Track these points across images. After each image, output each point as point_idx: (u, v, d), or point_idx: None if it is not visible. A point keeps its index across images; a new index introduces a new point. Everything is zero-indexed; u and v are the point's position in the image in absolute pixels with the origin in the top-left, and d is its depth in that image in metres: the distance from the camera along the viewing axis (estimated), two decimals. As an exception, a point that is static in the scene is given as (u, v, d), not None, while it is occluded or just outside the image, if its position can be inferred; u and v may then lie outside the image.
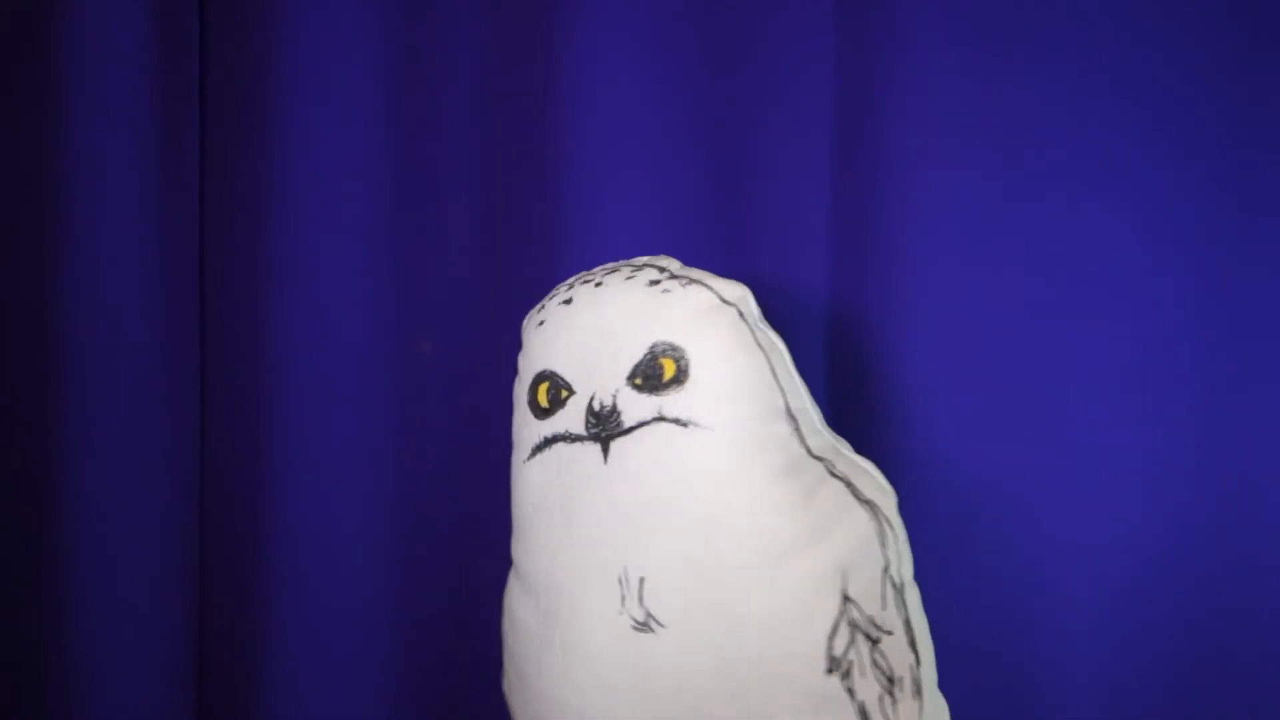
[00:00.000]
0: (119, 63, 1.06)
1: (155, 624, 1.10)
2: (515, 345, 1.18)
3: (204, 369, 1.15)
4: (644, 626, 0.91)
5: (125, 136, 1.07)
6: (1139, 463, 1.04)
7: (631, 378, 0.93)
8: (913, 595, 0.92)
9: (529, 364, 0.99)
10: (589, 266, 1.13)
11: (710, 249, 1.14)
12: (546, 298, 1.02)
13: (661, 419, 0.92)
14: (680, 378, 0.92)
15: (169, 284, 1.10)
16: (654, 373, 0.93)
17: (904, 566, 0.93)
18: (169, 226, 1.10)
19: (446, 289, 1.20)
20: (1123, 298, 1.04)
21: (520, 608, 0.99)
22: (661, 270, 0.97)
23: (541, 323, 0.99)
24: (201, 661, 1.16)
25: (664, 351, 0.93)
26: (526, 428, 0.99)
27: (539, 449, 0.98)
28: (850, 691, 0.88)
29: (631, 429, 0.93)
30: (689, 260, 1.06)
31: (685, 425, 0.91)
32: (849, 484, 0.93)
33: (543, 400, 0.97)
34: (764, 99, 1.12)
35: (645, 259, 1.00)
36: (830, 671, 0.88)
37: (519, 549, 1.00)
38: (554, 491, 0.96)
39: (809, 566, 0.89)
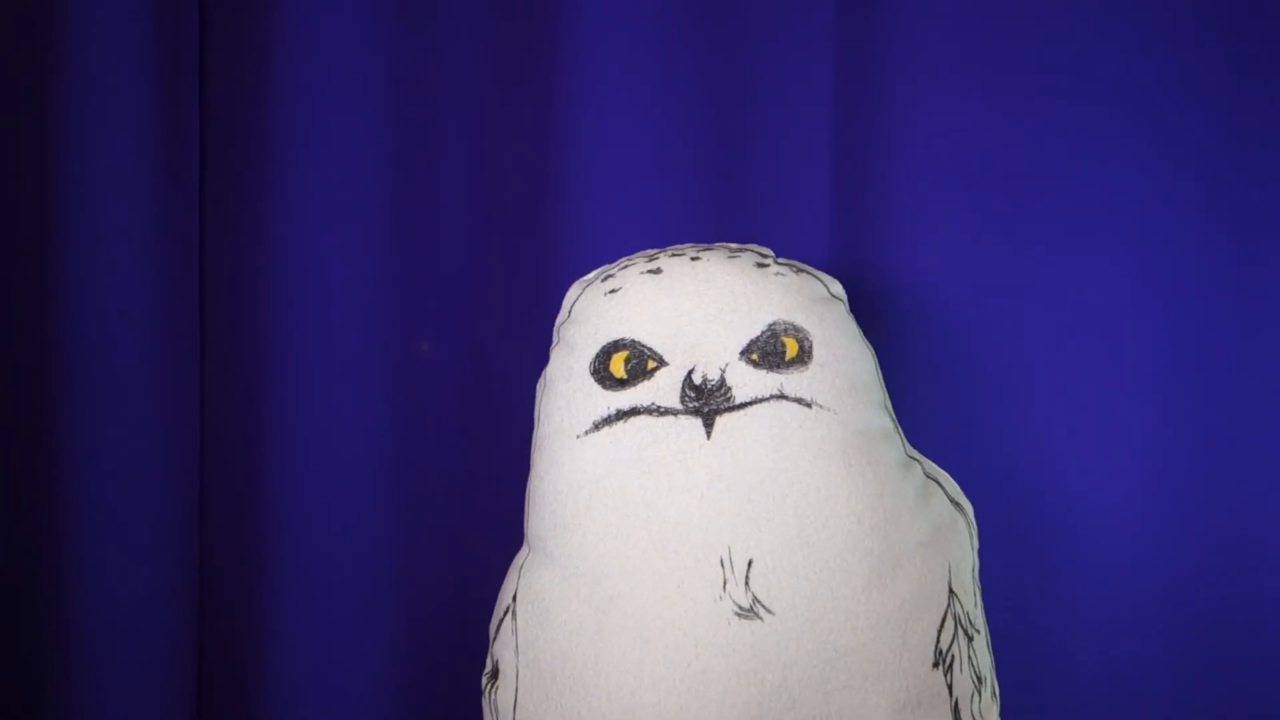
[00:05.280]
0: (119, 63, 1.05)
1: (155, 625, 1.07)
2: (515, 344, 1.15)
3: (204, 369, 1.13)
4: (749, 613, 0.86)
5: (125, 137, 1.06)
6: (1141, 463, 1.07)
7: (747, 353, 0.90)
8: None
9: (591, 332, 0.93)
10: (590, 262, 1.09)
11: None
12: (609, 267, 0.97)
13: (783, 397, 0.89)
14: (804, 358, 0.90)
15: (169, 284, 1.09)
16: (775, 350, 0.90)
17: (978, 572, 0.95)
18: (169, 227, 1.09)
19: (447, 288, 1.16)
20: (1126, 296, 1.07)
21: (558, 598, 0.90)
22: (764, 255, 0.95)
23: (614, 291, 0.93)
24: (201, 660, 1.12)
25: (786, 330, 0.90)
26: (586, 400, 0.92)
27: (607, 422, 0.91)
28: (949, 687, 0.88)
29: (744, 404, 0.89)
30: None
31: (809, 405, 0.89)
32: (940, 485, 0.94)
33: (618, 370, 0.91)
34: (764, 97, 1.12)
35: (738, 244, 0.97)
36: (936, 665, 0.88)
37: (559, 533, 0.91)
38: (628, 468, 0.89)
39: (926, 558, 0.89)
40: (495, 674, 0.95)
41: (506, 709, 0.93)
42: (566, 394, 0.93)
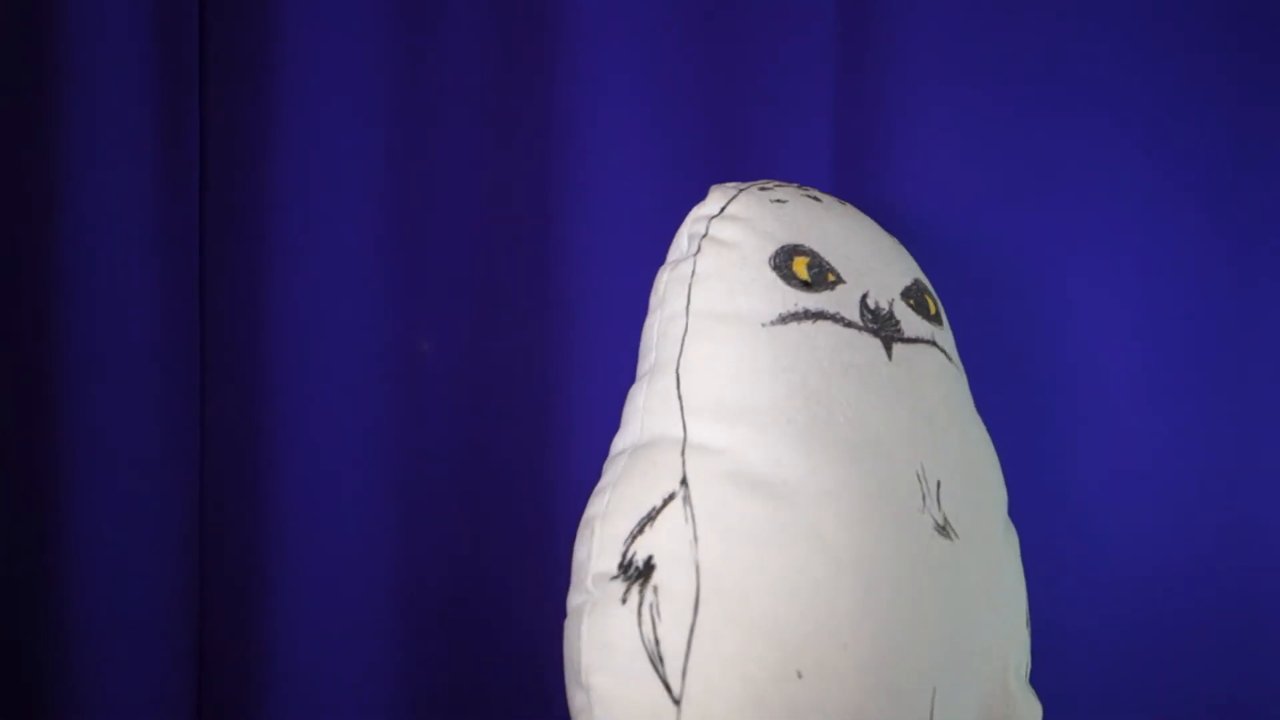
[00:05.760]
0: (118, 61, 1.03)
1: (155, 624, 1.04)
2: (515, 344, 1.12)
3: (204, 369, 1.09)
4: (944, 531, 0.81)
5: (125, 136, 1.04)
6: (1139, 461, 1.07)
7: (905, 296, 0.90)
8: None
9: (765, 230, 0.88)
10: (590, 262, 1.11)
11: None
12: (755, 183, 0.93)
13: (934, 344, 0.89)
14: (939, 318, 0.93)
15: (168, 283, 1.06)
16: (922, 303, 0.91)
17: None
18: (169, 226, 1.06)
19: (447, 287, 1.10)
20: (1126, 296, 1.08)
21: (757, 485, 0.78)
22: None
23: (780, 201, 0.90)
24: (202, 660, 1.08)
25: (925, 289, 0.93)
26: (770, 290, 0.85)
27: (795, 318, 0.84)
28: (1029, 651, 0.89)
29: (912, 340, 0.87)
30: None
31: (950, 360, 0.90)
32: None
33: (801, 273, 0.87)
34: (764, 98, 1.11)
35: None
36: (1028, 625, 0.89)
37: (757, 419, 0.81)
38: (829, 367, 0.83)
39: (1013, 530, 0.92)
40: (646, 572, 0.75)
41: (678, 609, 0.73)
42: (743, 281, 0.85)
